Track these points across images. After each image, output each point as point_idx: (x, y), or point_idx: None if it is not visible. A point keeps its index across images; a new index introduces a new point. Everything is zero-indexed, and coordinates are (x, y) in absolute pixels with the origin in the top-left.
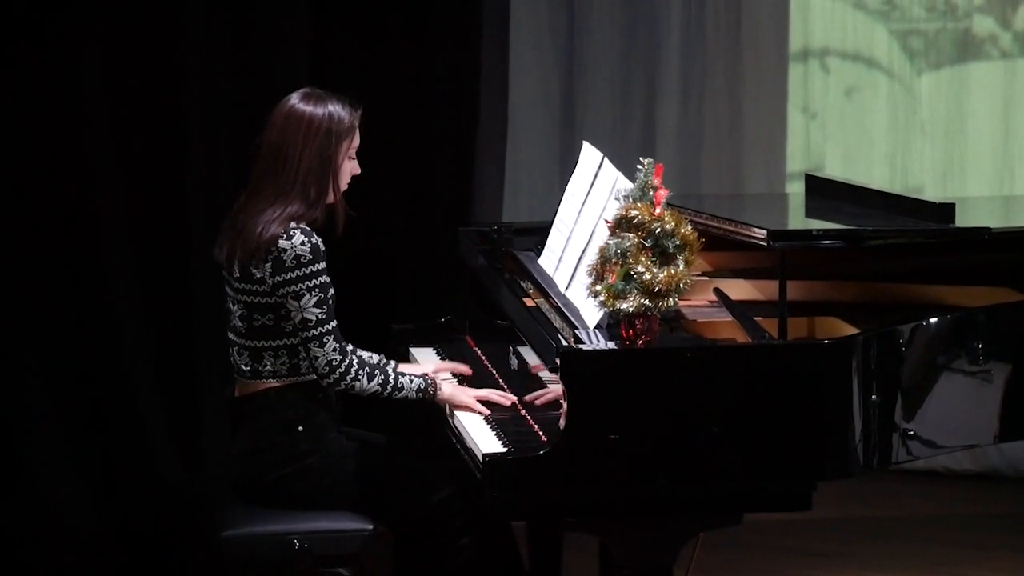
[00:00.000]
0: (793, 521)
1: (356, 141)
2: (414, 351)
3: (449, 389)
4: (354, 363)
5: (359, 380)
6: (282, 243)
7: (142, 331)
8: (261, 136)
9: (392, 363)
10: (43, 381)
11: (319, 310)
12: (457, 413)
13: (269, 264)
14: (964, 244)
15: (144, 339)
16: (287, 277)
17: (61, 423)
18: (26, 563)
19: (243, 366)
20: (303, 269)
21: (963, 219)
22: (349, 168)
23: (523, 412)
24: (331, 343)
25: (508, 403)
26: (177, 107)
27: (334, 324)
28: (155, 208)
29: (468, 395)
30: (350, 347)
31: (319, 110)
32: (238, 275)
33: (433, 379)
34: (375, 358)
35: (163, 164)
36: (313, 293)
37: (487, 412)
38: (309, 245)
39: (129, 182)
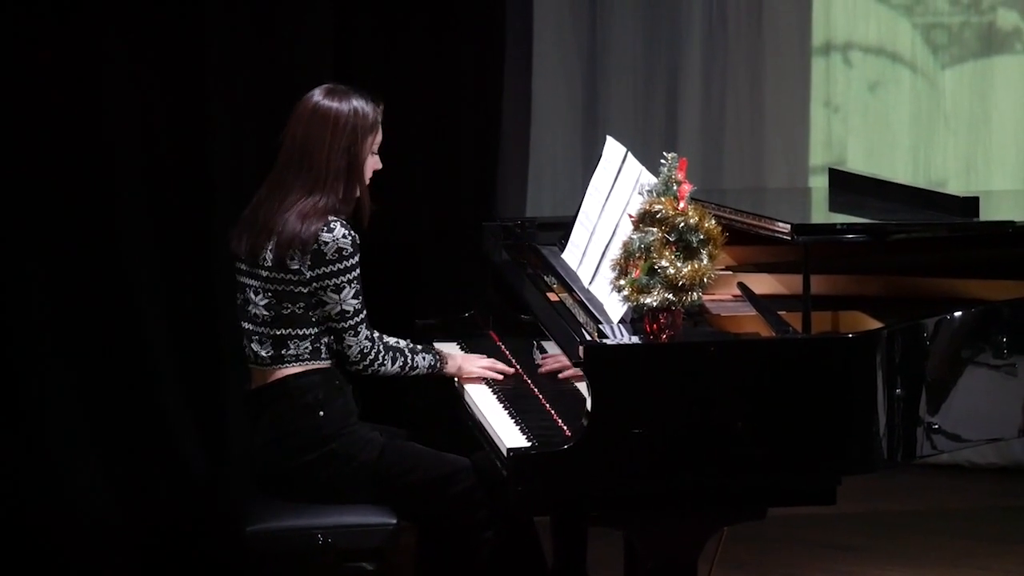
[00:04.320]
0: (817, 515)
1: (379, 137)
2: (438, 346)
3: (456, 364)
4: (382, 349)
5: (385, 364)
6: (324, 236)
7: (165, 323)
8: (284, 131)
9: (418, 347)
10: (66, 373)
11: (356, 301)
12: (479, 406)
13: (309, 257)
14: (988, 238)
15: (167, 331)
16: (329, 270)
17: (84, 416)
18: (50, 555)
19: (263, 353)
20: (344, 262)
21: (987, 213)
22: (372, 163)
23: (547, 406)
24: (364, 331)
25: (505, 372)
26: (201, 103)
27: (366, 312)
28: (177, 200)
29: (475, 366)
30: (375, 333)
31: (344, 106)
32: (270, 265)
33: (441, 354)
34: (401, 343)
35: (186, 158)
36: (352, 285)
37: (497, 376)
38: (350, 239)
39: (151, 175)
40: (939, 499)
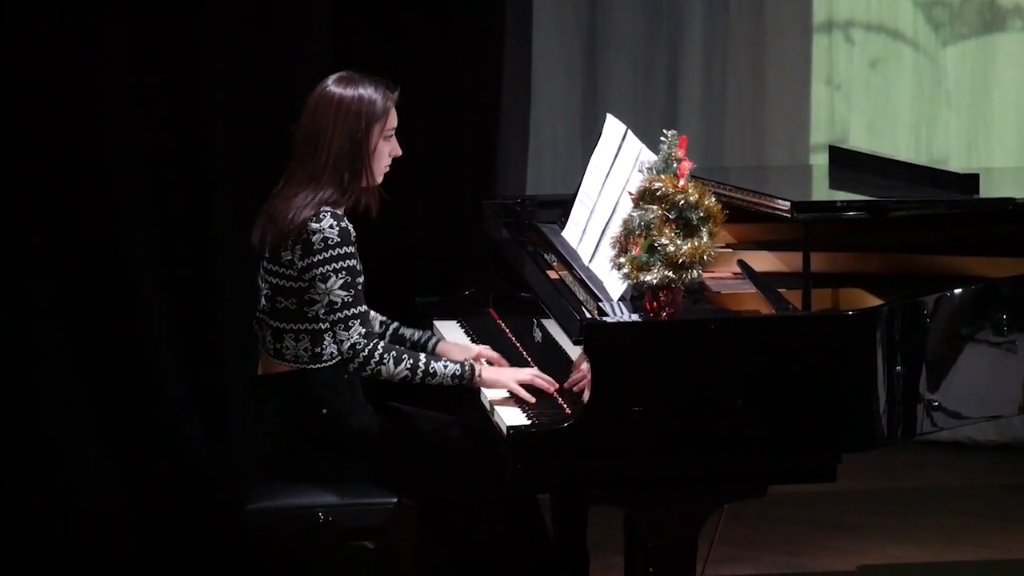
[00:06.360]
0: (817, 493)
1: (391, 123)
2: (438, 324)
3: (491, 376)
4: (379, 348)
5: (384, 364)
6: (312, 226)
7: (166, 306)
8: (297, 121)
9: (431, 338)
10: (67, 357)
11: (345, 293)
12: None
13: (299, 247)
14: (988, 215)
15: (168, 314)
16: (314, 260)
17: (86, 398)
18: (52, 538)
19: (268, 342)
20: (330, 251)
21: (987, 190)
22: (387, 150)
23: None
24: (356, 327)
25: (551, 389)
26: (200, 101)
27: (362, 308)
28: (178, 185)
29: (510, 379)
30: (393, 326)
31: (349, 92)
32: (268, 256)
33: (471, 365)
34: (416, 335)
35: (186, 143)
36: (340, 275)
37: (532, 400)
38: (338, 228)
39: (152, 161)
40: (939, 476)
